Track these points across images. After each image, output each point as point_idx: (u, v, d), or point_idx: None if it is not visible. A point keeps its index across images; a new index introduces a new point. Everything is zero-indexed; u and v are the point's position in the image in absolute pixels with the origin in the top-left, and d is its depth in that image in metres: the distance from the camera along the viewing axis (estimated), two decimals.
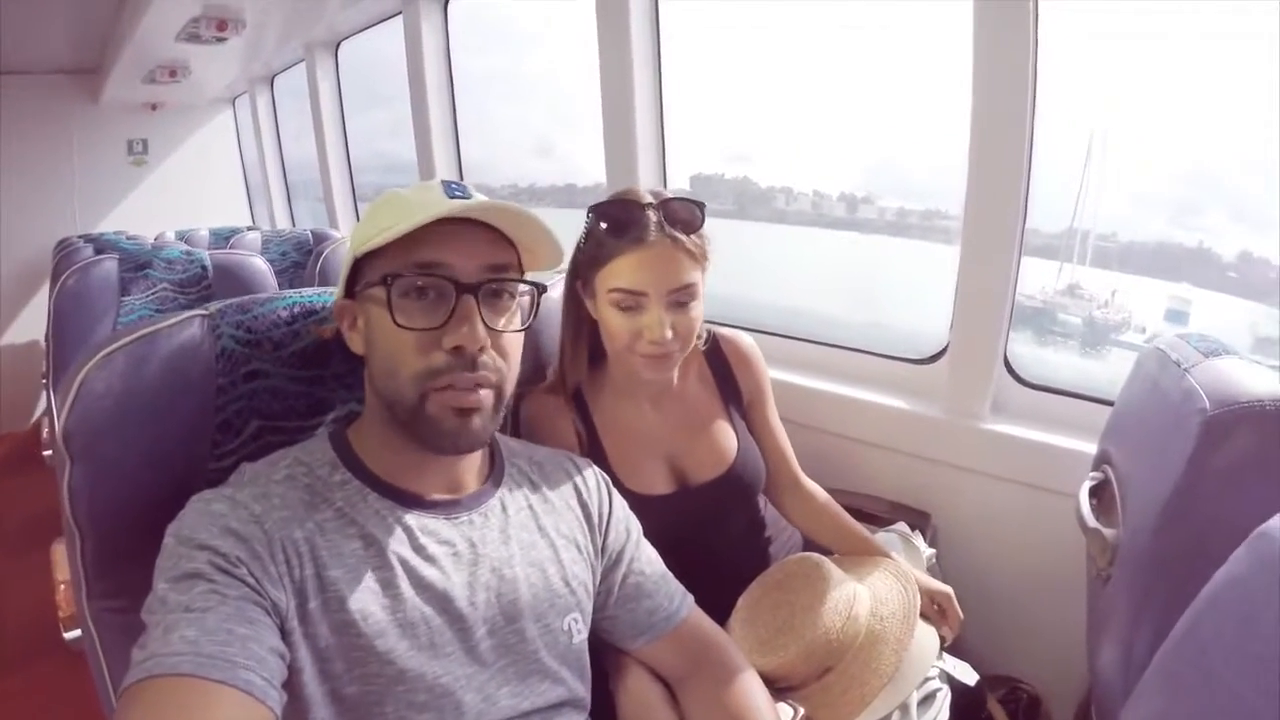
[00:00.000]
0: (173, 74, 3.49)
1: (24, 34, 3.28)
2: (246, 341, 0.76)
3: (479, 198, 0.71)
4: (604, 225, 0.96)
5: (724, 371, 1.13)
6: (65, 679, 0.74)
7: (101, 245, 2.79)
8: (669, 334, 0.95)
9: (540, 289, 0.75)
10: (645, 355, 0.97)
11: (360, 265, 0.72)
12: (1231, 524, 0.55)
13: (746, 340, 1.15)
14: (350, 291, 0.73)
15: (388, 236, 0.66)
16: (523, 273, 0.75)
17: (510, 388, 0.73)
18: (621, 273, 0.95)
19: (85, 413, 0.67)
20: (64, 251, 2.91)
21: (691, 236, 0.96)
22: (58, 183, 4.24)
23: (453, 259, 0.68)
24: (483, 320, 0.68)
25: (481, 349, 0.68)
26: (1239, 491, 0.61)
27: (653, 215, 0.94)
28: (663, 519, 0.97)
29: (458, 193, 0.70)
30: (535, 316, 0.75)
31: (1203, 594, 0.45)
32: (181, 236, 3.65)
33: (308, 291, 0.83)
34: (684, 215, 0.95)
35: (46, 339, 1.93)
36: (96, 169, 4.38)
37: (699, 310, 0.99)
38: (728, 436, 1.09)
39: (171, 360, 0.71)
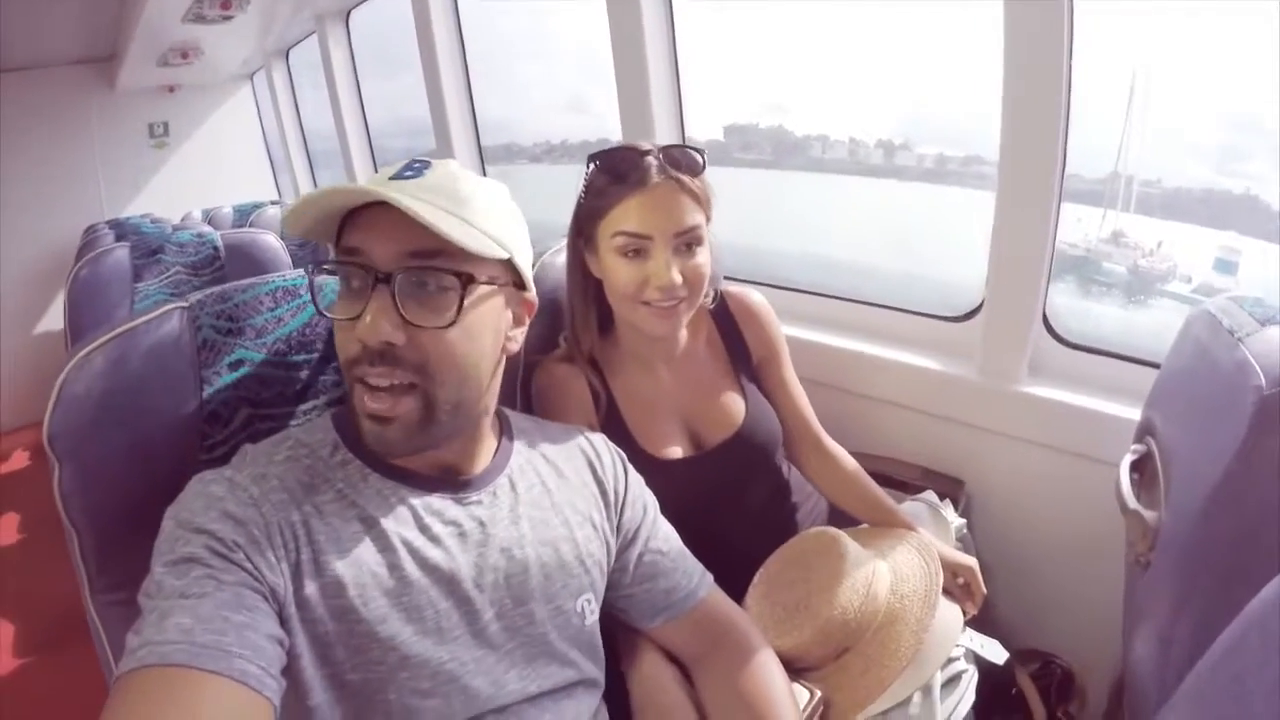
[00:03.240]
0: (185, 56, 3.51)
1: (36, 28, 3.32)
2: (228, 330, 0.75)
3: (432, 177, 0.66)
4: (604, 174, 0.94)
5: (732, 330, 1.10)
6: (92, 662, 0.75)
7: (124, 230, 2.84)
8: (677, 279, 0.92)
9: (464, 278, 0.64)
10: (653, 305, 0.94)
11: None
12: None
13: (755, 297, 1.12)
14: None
15: (287, 220, 0.65)
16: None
17: (449, 393, 0.66)
18: (624, 217, 0.92)
19: (67, 415, 0.67)
20: (89, 238, 2.97)
21: (694, 180, 0.94)
22: (83, 170, 4.32)
23: (370, 245, 0.63)
24: (400, 313, 0.62)
25: (389, 344, 0.62)
26: None
27: (653, 160, 0.93)
28: (681, 484, 0.96)
29: (407, 173, 0.66)
30: (460, 311, 0.64)
31: (1249, 608, 0.39)
32: (207, 215, 3.70)
33: (290, 274, 0.81)
34: (685, 160, 0.94)
35: (65, 330, 1.97)
36: (119, 154, 4.45)
37: (706, 257, 0.96)
38: (735, 397, 1.06)
39: (151, 356, 0.70)
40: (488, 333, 0.68)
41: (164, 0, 2.69)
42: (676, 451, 1.01)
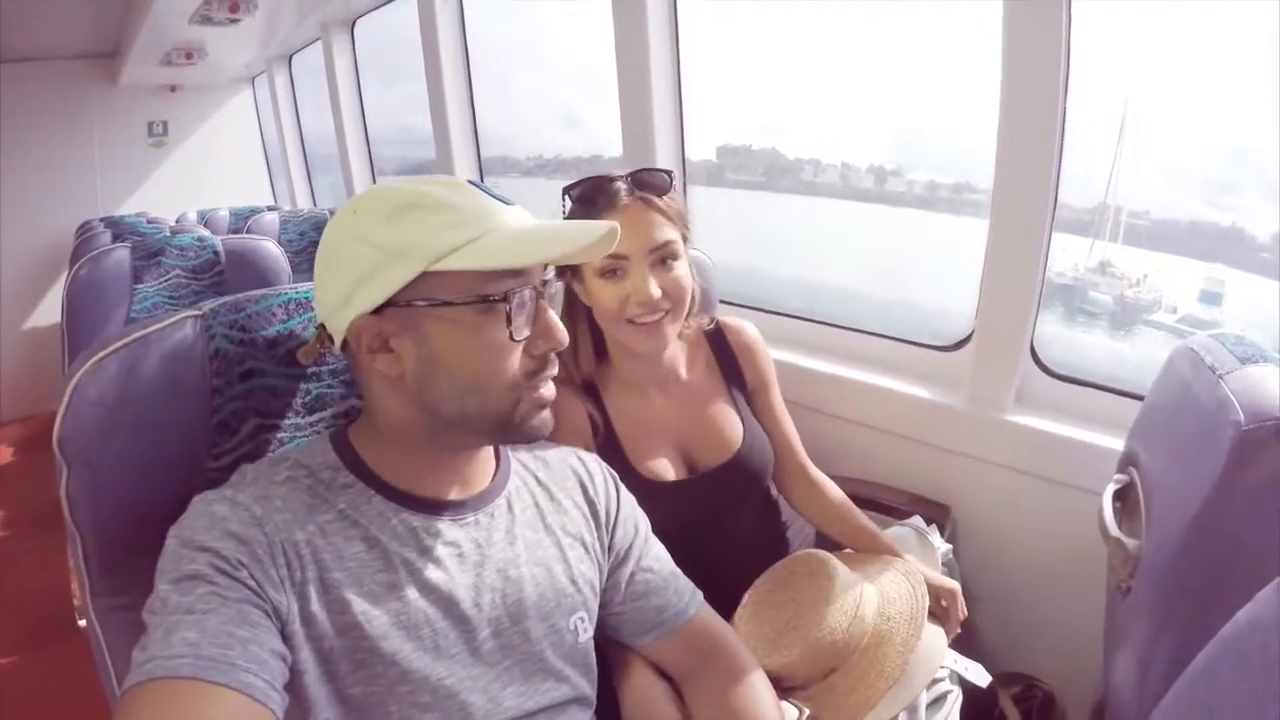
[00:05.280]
0: (189, 56, 3.52)
1: (42, 20, 3.32)
2: (240, 341, 0.74)
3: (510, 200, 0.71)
4: (577, 203, 0.98)
5: (729, 360, 1.13)
6: (78, 661, 0.75)
7: (120, 229, 2.82)
8: (656, 293, 0.95)
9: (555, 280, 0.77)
10: (637, 322, 0.96)
11: (420, 280, 0.64)
12: (1263, 547, 0.52)
13: (751, 330, 1.15)
14: (391, 304, 0.64)
15: (513, 261, 0.64)
16: None
17: None
18: None
19: (78, 420, 0.67)
20: (84, 235, 2.95)
21: (664, 198, 0.98)
22: (80, 166, 4.30)
23: (530, 264, 0.67)
24: None
25: None
26: (1272, 513, 0.57)
27: (621, 184, 0.97)
28: (675, 506, 0.98)
29: (497, 195, 0.70)
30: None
31: (1223, 632, 0.41)
32: (203, 217, 3.69)
33: (303, 287, 0.81)
34: (652, 180, 0.98)
35: (61, 328, 1.96)
36: (118, 151, 4.43)
37: (685, 271, 0.99)
38: (733, 422, 1.08)
39: (164, 363, 0.70)
40: None
41: (172, 0, 2.71)
42: (670, 474, 1.03)
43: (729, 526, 1.07)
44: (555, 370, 0.71)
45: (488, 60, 2.72)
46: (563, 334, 0.69)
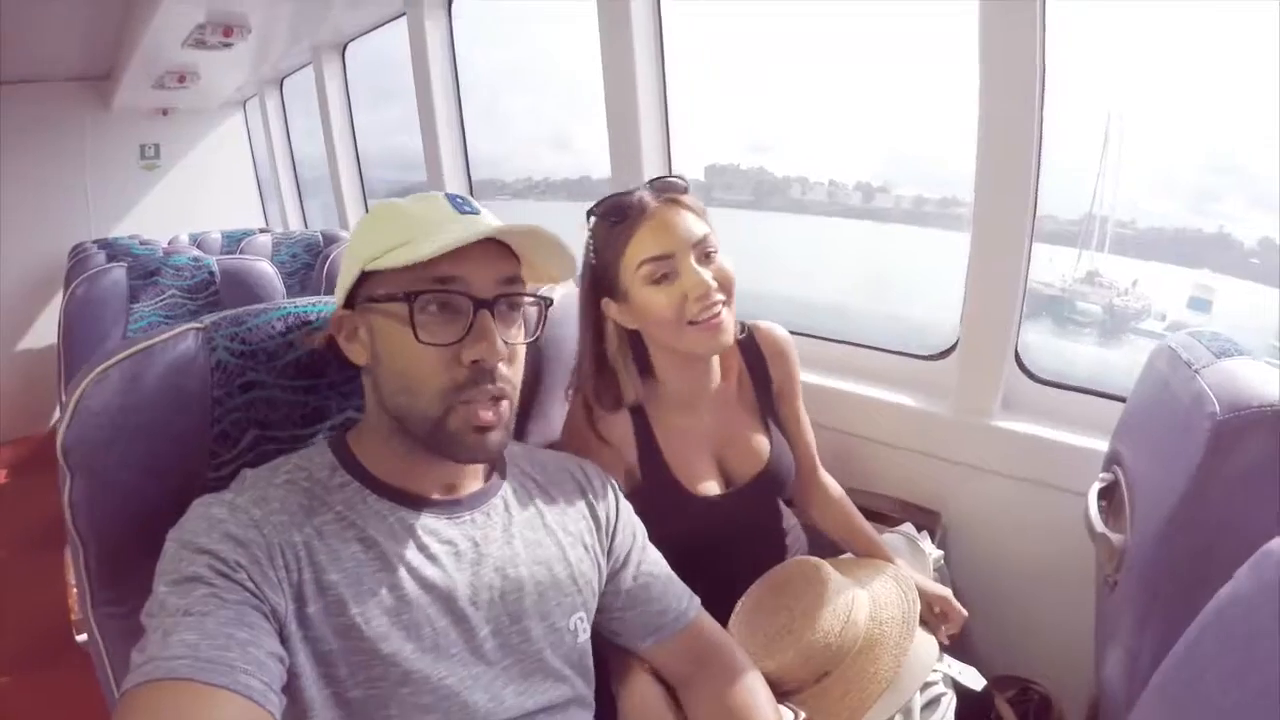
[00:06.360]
0: (181, 79, 3.53)
1: (35, 42, 3.33)
2: (241, 353, 0.76)
3: (485, 213, 0.71)
4: (606, 220, 0.99)
5: (759, 364, 1.13)
6: (76, 680, 0.75)
7: (114, 251, 2.83)
8: (712, 283, 0.95)
9: (548, 302, 0.77)
10: (699, 321, 0.96)
11: (365, 278, 0.70)
12: (1240, 532, 0.53)
13: (781, 331, 1.15)
14: (349, 302, 0.72)
15: (414, 256, 0.65)
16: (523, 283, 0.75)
17: (518, 396, 0.73)
18: (642, 246, 0.96)
19: (83, 428, 0.68)
20: (77, 257, 2.95)
21: (687, 196, 1.00)
22: (72, 188, 4.29)
23: (469, 274, 0.68)
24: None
25: (500, 362, 0.68)
26: (1249, 499, 0.60)
27: (645, 191, 0.98)
28: (715, 520, 1.01)
29: (465, 208, 0.71)
30: (543, 328, 0.76)
31: (1205, 610, 0.43)
32: (195, 239, 3.69)
33: (302, 302, 0.83)
34: (671, 185, 1.00)
35: (58, 347, 1.95)
36: (110, 174, 4.43)
37: (727, 260, 1.00)
38: (761, 434, 1.09)
39: (167, 374, 0.71)
40: None
41: (166, 24, 2.72)
42: (714, 489, 1.04)
43: (755, 537, 1.09)
44: (491, 389, 0.68)
45: (477, 84, 2.75)
46: (491, 353, 0.67)
